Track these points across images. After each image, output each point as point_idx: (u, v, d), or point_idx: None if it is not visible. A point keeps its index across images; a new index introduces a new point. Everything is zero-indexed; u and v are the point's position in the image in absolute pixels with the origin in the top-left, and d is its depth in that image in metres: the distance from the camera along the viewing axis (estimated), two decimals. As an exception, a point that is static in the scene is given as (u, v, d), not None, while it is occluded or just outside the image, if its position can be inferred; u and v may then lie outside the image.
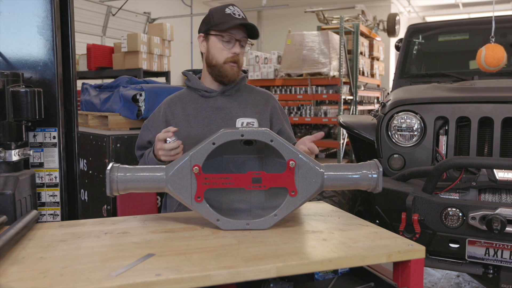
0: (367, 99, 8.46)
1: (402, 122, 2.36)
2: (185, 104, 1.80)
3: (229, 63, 1.72)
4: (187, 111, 1.78)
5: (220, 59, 1.72)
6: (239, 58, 1.74)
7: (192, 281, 0.91)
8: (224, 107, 1.78)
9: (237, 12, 1.71)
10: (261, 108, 1.84)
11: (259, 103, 1.85)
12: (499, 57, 2.55)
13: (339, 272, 1.28)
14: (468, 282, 3.08)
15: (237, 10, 1.72)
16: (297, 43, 6.71)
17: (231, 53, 1.71)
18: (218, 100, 1.79)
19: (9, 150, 1.42)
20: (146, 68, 6.82)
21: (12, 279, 0.89)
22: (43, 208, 1.62)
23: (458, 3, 12.87)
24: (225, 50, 1.71)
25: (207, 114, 1.76)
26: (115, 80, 3.21)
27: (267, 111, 1.84)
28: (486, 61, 2.57)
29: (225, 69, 1.73)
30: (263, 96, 1.88)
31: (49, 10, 1.57)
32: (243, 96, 1.84)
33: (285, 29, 8.15)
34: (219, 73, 1.74)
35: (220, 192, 1.33)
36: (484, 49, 2.60)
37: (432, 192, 2.02)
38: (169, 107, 1.80)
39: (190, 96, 1.82)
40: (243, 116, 1.78)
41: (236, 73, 1.76)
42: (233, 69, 1.73)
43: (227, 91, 1.80)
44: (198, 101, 1.79)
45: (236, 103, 1.80)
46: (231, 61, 1.72)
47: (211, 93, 1.79)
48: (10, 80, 1.44)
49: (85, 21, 8.87)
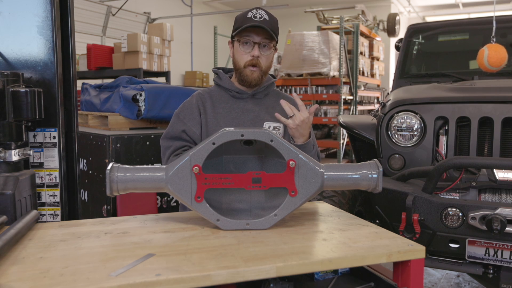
0: (367, 99, 8.46)
1: (402, 122, 2.36)
2: (215, 102, 1.80)
3: (249, 67, 1.72)
4: (217, 110, 1.78)
5: (241, 63, 1.73)
6: (259, 62, 1.72)
7: (192, 281, 0.91)
8: (253, 109, 1.79)
9: (258, 15, 1.69)
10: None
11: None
12: (502, 57, 2.56)
13: (339, 272, 1.28)
14: (468, 282, 3.08)
15: (259, 13, 1.69)
16: (297, 43, 6.72)
17: (250, 56, 1.70)
18: (248, 102, 1.80)
19: (9, 150, 1.42)
20: (146, 68, 6.82)
21: (12, 279, 0.89)
22: (43, 208, 1.62)
23: (458, 3, 12.88)
24: (245, 54, 1.71)
25: (237, 115, 1.77)
26: (115, 80, 3.21)
27: None
28: (489, 61, 2.57)
29: (245, 73, 1.73)
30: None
31: (49, 10, 1.57)
32: (271, 101, 1.85)
33: (285, 29, 8.14)
34: (240, 77, 1.75)
35: (220, 192, 1.33)
36: (486, 49, 2.60)
37: (432, 192, 2.02)
38: (201, 100, 1.80)
39: (220, 95, 1.82)
40: (270, 120, 1.79)
41: (257, 78, 1.74)
42: (253, 73, 1.72)
43: (257, 94, 1.81)
44: (229, 101, 1.80)
45: (264, 107, 1.81)
46: (250, 64, 1.71)
47: (242, 95, 1.80)
48: (10, 80, 1.44)
49: (85, 21, 8.87)
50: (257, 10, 1.71)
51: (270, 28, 1.69)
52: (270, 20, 1.70)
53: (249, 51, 1.71)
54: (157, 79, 6.19)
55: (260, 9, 1.71)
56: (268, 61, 1.75)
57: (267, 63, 1.76)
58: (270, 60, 1.77)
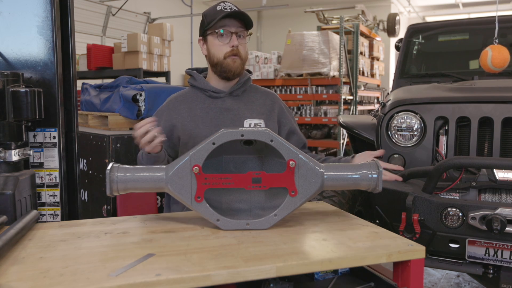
0: (367, 99, 8.46)
1: (402, 122, 2.36)
2: (191, 104, 1.77)
3: (230, 57, 1.70)
4: (194, 112, 1.75)
5: (220, 55, 1.70)
6: (239, 51, 1.71)
7: (192, 281, 0.91)
8: (232, 108, 1.76)
9: (228, 6, 1.69)
10: (267, 108, 1.82)
11: (265, 103, 1.83)
12: (506, 58, 2.56)
13: (339, 272, 1.28)
14: (468, 282, 3.08)
15: (228, 5, 1.69)
16: (297, 43, 6.71)
17: (230, 47, 1.69)
18: (226, 101, 1.77)
19: (9, 150, 1.42)
20: (146, 68, 6.82)
21: (12, 279, 0.89)
22: (43, 208, 1.62)
23: (458, 3, 12.87)
24: (223, 45, 1.69)
25: (215, 115, 1.74)
26: (115, 80, 3.21)
27: (274, 112, 1.83)
28: (493, 62, 2.57)
29: (227, 63, 1.70)
30: (269, 96, 1.87)
31: (49, 10, 1.57)
32: (250, 97, 1.82)
33: (285, 29, 8.15)
34: (221, 69, 1.71)
35: (220, 192, 1.33)
36: (490, 50, 2.61)
37: (432, 192, 2.02)
38: (174, 107, 1.78)
39: (196, 96, 1.79)
40: (251, 117, 1.76)
41: (240, 66, 1.72)
42: (235, 62, 1.70)
43: (235, 91, 1.78)
44: (205, 101, 1.77)
45: (243, 104, 1.79)
46: (230, 54, 1.69)
47: (219, 94, 1.77)
48: (10, 80, 1.44)
49: (85, 21, 8.87)
50: (225, 3, 1.70)
51: (243, 17, 1.68)
52: (239, 10, 1.70)
53: (227, 42, 1.69)
54: (157, 79, 6.19)
55: (227, 2, 1.71)
56: (245, 50, 1.75)
57: (245, 52, 1.75)
58: (246, 49, 1.77)
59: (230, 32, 1.69)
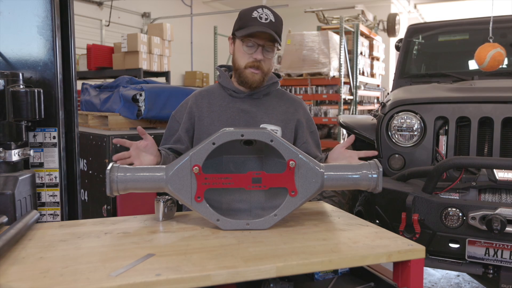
0: (367, 99, 8.46)
1: (402, 122, 2.36)
2: (212, 99, 1.76)
3: (250, 69, 1.66)
4: (213, 108, 1.74)
5: (242, 63, 1.67)
6: (261, 64, 1.66)
7: (192, 281, 0.91)
8: (249, 110, 1.73)
9: (264, 16, 1.63)
10: (288, 117, 1.77)
11: (287, 111, 1.78)
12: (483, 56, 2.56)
13: (339, 272, 1.28)
14: (468, 282, 3.08)
15: (265, 14, 1.64)
16: (297, 43, 6.72)
17: (252, 58, 1.65)
18: (245, 102, 1.75)
19: (9, 150, 1.42)
20: (146, 68, 6.82)
21: (12, 279, 0.89)
22: (43, 208, 1.62)
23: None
24: (247, 55, 1.66)
25: (232, 115, 1.72)
26: (115, 80, 3.21)
27: (293, 121, 1.78)
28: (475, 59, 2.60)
29: (246, 74, 1.67)
30: (293, 104, 1.82)
31: (49, 10, 1.57)
32: (271, 102, 1.78)
33: (285, 29, 8.13)
34: (240, 77, 1.69)
35: (220, 192, 1.33)
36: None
37: (432, 192, 2.02)
38: (196, 100, 1.77)
39: (219, 93, 1.78)
40: (268, 122, 1.73)
41: (258, 80, 1.68)
42: (254, 76, 1.67)
43: (256, 94, 1.75)
44: (225, 100, 1.75)
45: (262, 108, 1.75)
46: (251, 66, 1.66)
47: (239, 94, 1.75)
48: (10, 80, 1.44)
49: (85, 24, 8.86)
50: (263, 9, 1.65)
51: (275, 31, 1.63)
52: (275, 22, 1.65)
53: (251, 52, 1.65)
54: (157, 79, 6.19)
55: (266, 8, 1.66)
56: (269, 63, 1.71)
57: (269, 65, 1.71)
58: (271, 62, 1.73)
59: (258, 44, 1.64)
